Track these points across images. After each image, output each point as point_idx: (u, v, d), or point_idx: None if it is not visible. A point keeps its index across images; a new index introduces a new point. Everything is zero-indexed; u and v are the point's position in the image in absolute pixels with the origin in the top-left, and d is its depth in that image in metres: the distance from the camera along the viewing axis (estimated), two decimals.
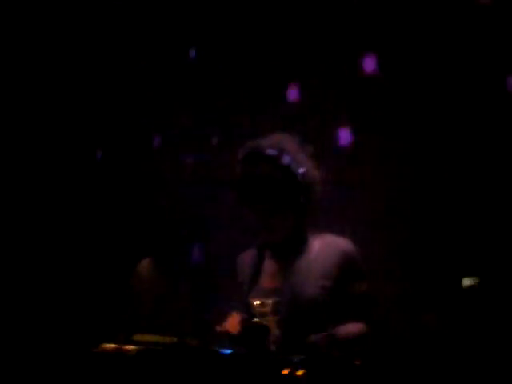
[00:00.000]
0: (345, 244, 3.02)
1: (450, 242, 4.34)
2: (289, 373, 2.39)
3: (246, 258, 3.20)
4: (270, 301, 2.98)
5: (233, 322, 2.97)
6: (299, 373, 2.39)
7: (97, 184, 4.79)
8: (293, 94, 4.36)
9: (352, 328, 2.94)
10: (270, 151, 2.99)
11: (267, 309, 2.98)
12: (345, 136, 4.35)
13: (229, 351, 2.62)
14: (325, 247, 3.01)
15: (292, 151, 3.03)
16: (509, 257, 4.21)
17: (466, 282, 4.21)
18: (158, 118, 4.86)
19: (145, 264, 4.37)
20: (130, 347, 2.61)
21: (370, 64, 4.46)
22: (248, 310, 3.01)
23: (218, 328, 2.94)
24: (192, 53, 4.73)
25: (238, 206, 3.08)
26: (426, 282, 4.20)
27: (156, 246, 4.56)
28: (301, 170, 3.01)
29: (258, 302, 3.00)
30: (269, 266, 3.10)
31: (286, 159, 2.99)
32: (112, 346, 2.64)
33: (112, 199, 4.75)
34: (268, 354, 2.78)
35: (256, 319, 2.97)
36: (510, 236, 4.25)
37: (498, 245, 4.25)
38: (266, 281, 3.07)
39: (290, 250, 3.04)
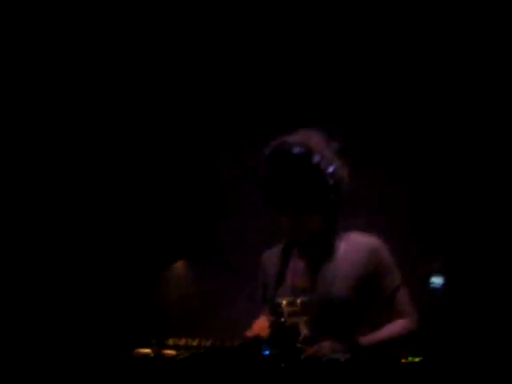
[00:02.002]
0: (371, 241, 2.99)
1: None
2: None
3: (272, 256, 3.14)
4: (298, 300, 2.93)
5: (261, 326, 2.93)
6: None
7: (133, 185, 4.72)
8: None
9: (394, 328, 2.92)
10: (298, 150, 2.92)
11: (296, 308, 2.93)
12: None
13: (267, 352, 2.59)
14: (352, 245, 2.98)
15: (320, 149, 2.96)
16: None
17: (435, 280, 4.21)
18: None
19: (180, 265, 4.32)
20: (170, 351, 2.55)
21: None
22: (275, 309, 2.96)
23: (248, 332, 2.88)
24: None
25: (265, 204, 3.02)
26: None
27: (190, 248, 4.51)
28: (330, 169, 2.95)
29: (286, 301, 2.95)
30: (296, 264, 3.04)
31: (315, 158, 2.92)
32: (148, 350, 2.59)
33: (148, 201, 4.68)
34: (301, 354, 2.74)
35: (283, 319, 2.93)
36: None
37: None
38: (293, 279, 3.01)
39: (318, 248, 3.00)
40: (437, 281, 4.24)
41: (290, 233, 3.02)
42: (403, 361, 2.56)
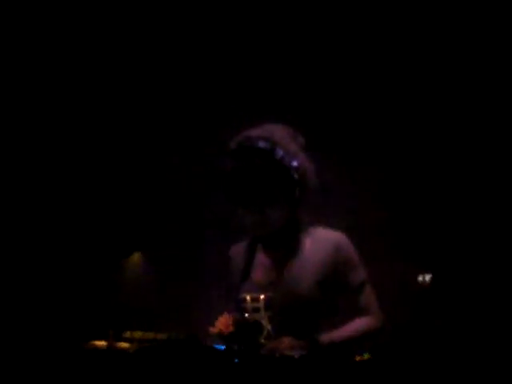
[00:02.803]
0: (337, 236, 2.97)
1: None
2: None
3: (239, 250, 3.13)
4: (262, 296, 2.92)
5: (224, 321, 2.91)
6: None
7: (87, 175, 4.72)
8: None
9: (357, 325, 2.90)
10: (262, 144, 2.89)
11: (260, 304, 2.91)
12: None
13: (222, 347, 2.58)
14: (317, 241, 2.96)
15: (285, 143, 2.92)
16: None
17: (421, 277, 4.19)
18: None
19: (134, 259, 4.31)
20: (124, 344, 2.54)
21: None
22: (239, 304, 2.95)
23: (211, 328, 2.87)
24: None
25: (226, 200, 3.00)
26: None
27: (145, 240, 4.50)
28: (294, 164, 2.92)
29: (249, 297, 2.94)
30: (261, 259, 3.04)
31: (278, 153, 2.89)
32: (103, 342, 2.58)
33: (103, 192, 4.68)
34: (261, 349, 2.73)
35: (247, 315, 2.92)
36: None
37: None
38: (258, 275, 3.01)
39: (283, 243, 2.99)
40: (424, 278, 4.22)
41: (253, 228, 2.99)
42: (358, 358, 2.53)
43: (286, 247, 2.98)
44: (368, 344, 2.88)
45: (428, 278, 4.14)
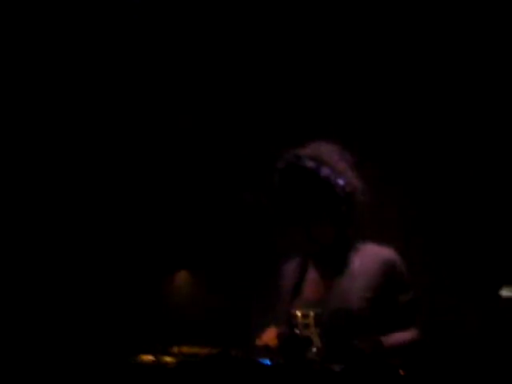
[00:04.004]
0: (387, 253, 2.97)
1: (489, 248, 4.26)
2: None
3: (291, 266, 3.15)
4: (312, 312, 2.92)
5: (270, 336, 2.94)
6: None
7: (139, 191, 4.78)
8: None
9: (400, 336, 2.89)
10: (309, 163, 2.94)
11: (309, 320, 2.92)
12: None
13: (268, 361, 2.58)
14: (367, 258, 2.97)
15: (331, 162, 2.97)
16: None
17: (506, 291, 4.11)
18: None
19: (182, 276, 4.36)
20: (169, 358, 2.57)
21: None
22: (290, 320, 2.96)
23: (257, 341, 2.90)
24: None
25: (274, 218, 3.04)
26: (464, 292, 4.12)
27: (194, 257, 4.54)
28: (340, 182, 2.95)
29: (300, 313, 2.95)
30: (312, 276, 3.06)
31: (324, 171, 2.93)
32: (150, 357, 2.61)
33: (154, 207, 4.73)
34: (307, 364, 2.72)
35: (297, 331, 2.93)
36: None
37: None
38: (308, 291, 3.03)
39: (333, 260, 3.00)
40: (507, 292, 4.14)
41: (302, 246, 3.02)
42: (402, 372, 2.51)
43: (335, 264, 2.99)
44: (410, 355, 2.87)
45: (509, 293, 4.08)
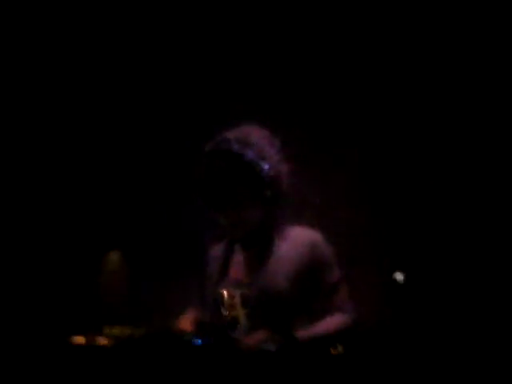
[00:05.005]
0: (312, 235, 3.03)
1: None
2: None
3: (217, 249, 3.20)
4: (238, 293, 2.98)
5: (185, 322, 2.98)
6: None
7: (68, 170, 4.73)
8: None
9: (331, 322, 2.94)
10: (234, 146, 2.96)
11: (236, 300, 2.98)
12: None
13: (199, 341, 2.62)
14: (293, 239, 3.02)
15: (258, 145, 3.00)
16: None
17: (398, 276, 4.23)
18: None
19: (113, 257, 4.35)
20: (102, 339, 2.59)
21: None
22: (216, 301, 3.02)
23: (173, 327, 2.94)
24: None
25: (200, 201, 3.06)
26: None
27: (124, 238, 4.53)
28: (265, 166, 2.98)
29: (226, 293, 3.00)
30: (239, 258, 3.10)
31: (249, 155, 2.96)
32: (82, 338, 2.62)
33: (83, 188, 4.70)
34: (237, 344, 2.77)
35: (224, 311, 2.99)
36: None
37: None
38: (235, 273, 3.07)
39: (260, 242, 3.05)
40: (399, 277, 4.26)
41: (227, 229, 3.06)
42: (333, 351, 2.60)
43: (262, 246, 3.04)
44: (340, 341, 2.94)
45: (401, 276, 4.19)
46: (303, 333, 2.87)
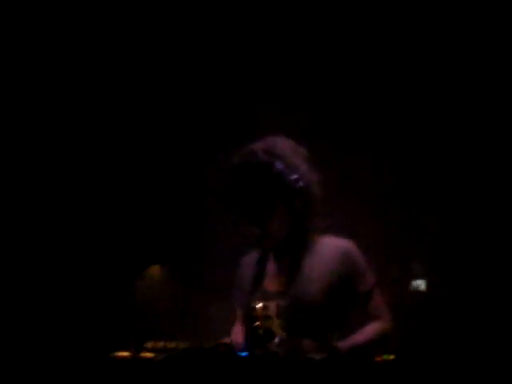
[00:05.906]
0: (344, 244, 3.04)
1: None
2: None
3: (249, 261, 3.19)
4: (272, 304, 2.97)
5: (236, 334, 3.01)
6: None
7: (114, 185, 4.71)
8: None
9: (369, 331, 2.96)
10: (262, 158, 2.96)
11: (270, 312, 2.97)
12: None
13: (245, 353, 2.62)
14: (325, 249, 3.02)
15: (285, 155, 3.00)
16: None
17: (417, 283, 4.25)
18: None
19: (155, 270, 4.33)
20: (148, 354, 2.57)
21: None
22: (249, 313, 3.00)
23: (225, 339, 2.97)
24: None
25: (227, 213, 3.05)
26: None
27: (167, 252, 4.52)
28: (294, 176, 2.98)
29: (260, 305, 2.99)
30: (271, 269, 3.09)
31: (277, 166, 2.96)
32: (126, 353, 2.61)
33: (128, 202, 4.68)
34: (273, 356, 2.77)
35: (257, 323, 2.98)
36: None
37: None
38: (268, 284, 3.06)
39: (292, 252, 3.04)
40: (418, 284, 4.27)
41: (258, 240, 3.06)
42: (378, 359, 2.60)
43: (294, 256, 3.03)
44: (381, 349, 2.95)
45: (423, 283, 4.22)
46: (343, 343, 2.88)
